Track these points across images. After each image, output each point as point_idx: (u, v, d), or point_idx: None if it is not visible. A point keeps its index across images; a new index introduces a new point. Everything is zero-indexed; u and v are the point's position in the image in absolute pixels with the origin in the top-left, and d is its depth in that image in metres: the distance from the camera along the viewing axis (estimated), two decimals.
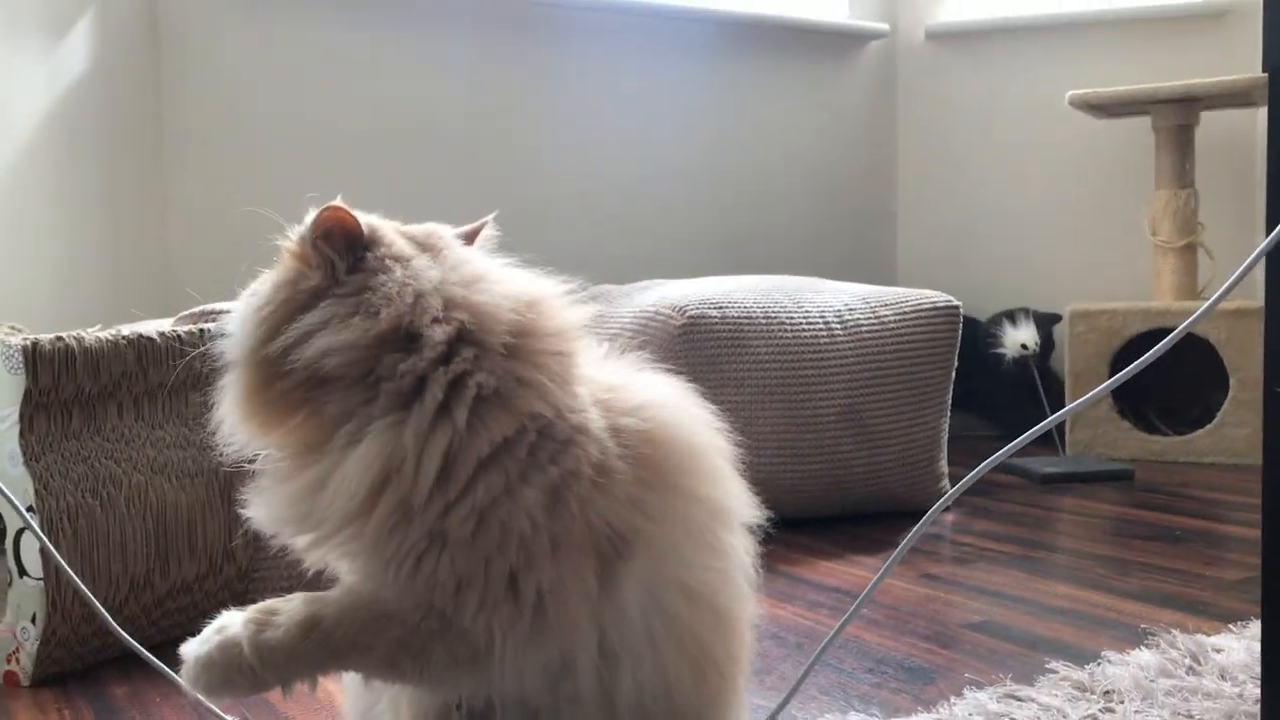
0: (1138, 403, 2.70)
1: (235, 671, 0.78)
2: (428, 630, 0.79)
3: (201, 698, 0.81)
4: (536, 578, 0.79)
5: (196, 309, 1.53)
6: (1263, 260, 0.81)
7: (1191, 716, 1.01)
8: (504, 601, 0.78)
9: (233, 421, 0.86)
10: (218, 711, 0.98)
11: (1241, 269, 0.72)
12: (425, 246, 0.88)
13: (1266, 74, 0.84)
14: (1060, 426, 2.69)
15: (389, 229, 0.89)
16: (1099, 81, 2.79)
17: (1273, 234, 0.73)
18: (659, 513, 0.85)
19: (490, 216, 0.97)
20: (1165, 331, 2.56)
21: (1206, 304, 0.74)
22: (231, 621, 0.80)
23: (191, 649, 0.80)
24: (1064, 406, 2.68)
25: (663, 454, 0.87)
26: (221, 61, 2.40)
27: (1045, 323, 2.76)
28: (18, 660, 1.27)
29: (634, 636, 0.84)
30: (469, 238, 0.95)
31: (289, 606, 0.80)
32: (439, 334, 0.81)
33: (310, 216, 0.85)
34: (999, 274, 3.19)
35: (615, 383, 0.90)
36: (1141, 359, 0.77)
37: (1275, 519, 0.84)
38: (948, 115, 3.31)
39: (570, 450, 0.82)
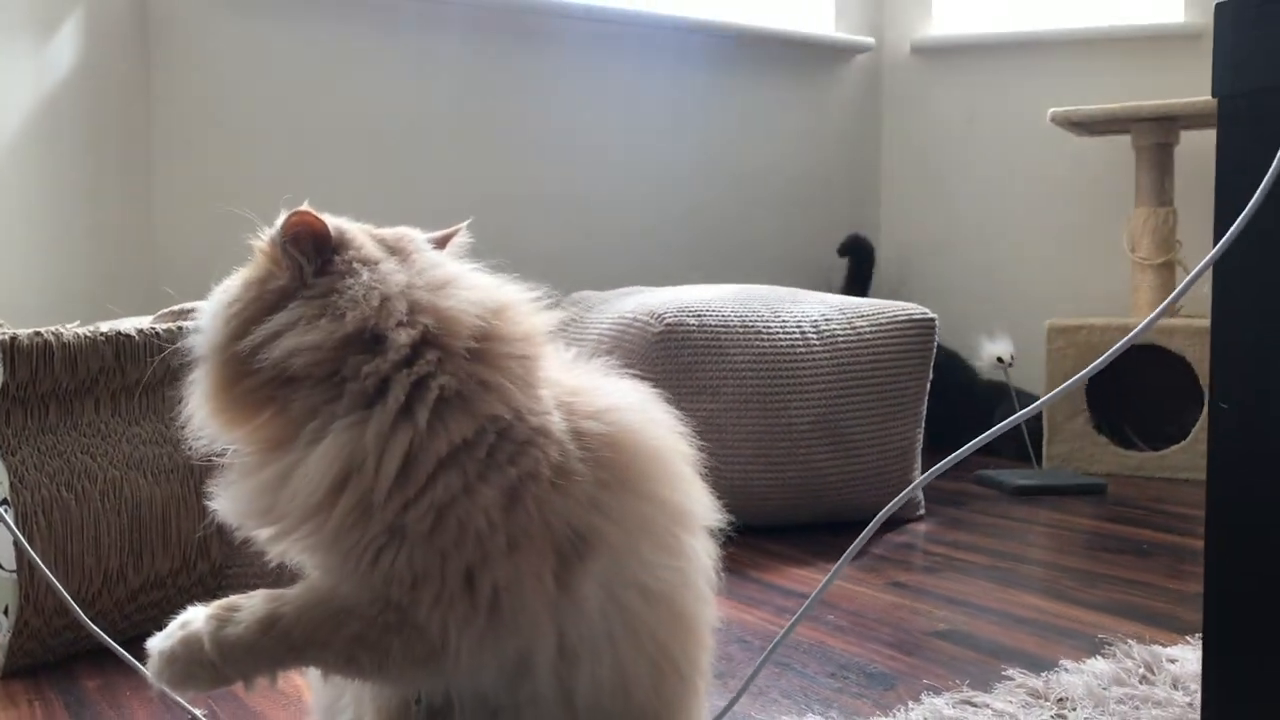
0: (1115, 418, 2.73)
1: (197, 666, 0.80)
2: (385, 625, 0.80)
3: (166, 691, 0.82)
4: (493, 575, 0.80)
5: (175, 307, 1.54)
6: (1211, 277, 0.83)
7: None
8: (460, 598, 0.80)
9: (201, 416, 0.88)
10: (185, 705, 1.00)
11: (1182, 286, 0.74)
12: (394, 250, 0.90)
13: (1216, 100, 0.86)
14: (1037, 440, 2.71)
15: (358, 232, 0.91)
16: (1081, 99, 2.82)
17: (1211, 253, 0.75)
18: (618, 514, 0.87)
19: (464, 224, 0.99)
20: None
21: (1142, 324, 0.76)
22: (194, 617, 0.82)
23: (155, 643, 0.82)
24: (1040, 421, 2.71)
25: (624, 457, 0.88)
26: (209, 60, 2.41)
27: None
28: None
29: (592, 635, 0.86)
30: (441, 243, 0.96)
31: (250, 603, 0.82)
32: (403, 337, 0.83)
33: (280, 219, 0.87)
34: (979, 288, 3.22)
35: (580, 386, 0.92)
36: (1059, 388, 0.79)
37: (1219, 533, 0.87)
38: (931, 129, 3.34)
39: (529, 452, 0.83)
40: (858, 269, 3.09)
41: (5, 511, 1.26)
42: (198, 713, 0.97)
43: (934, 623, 1.47)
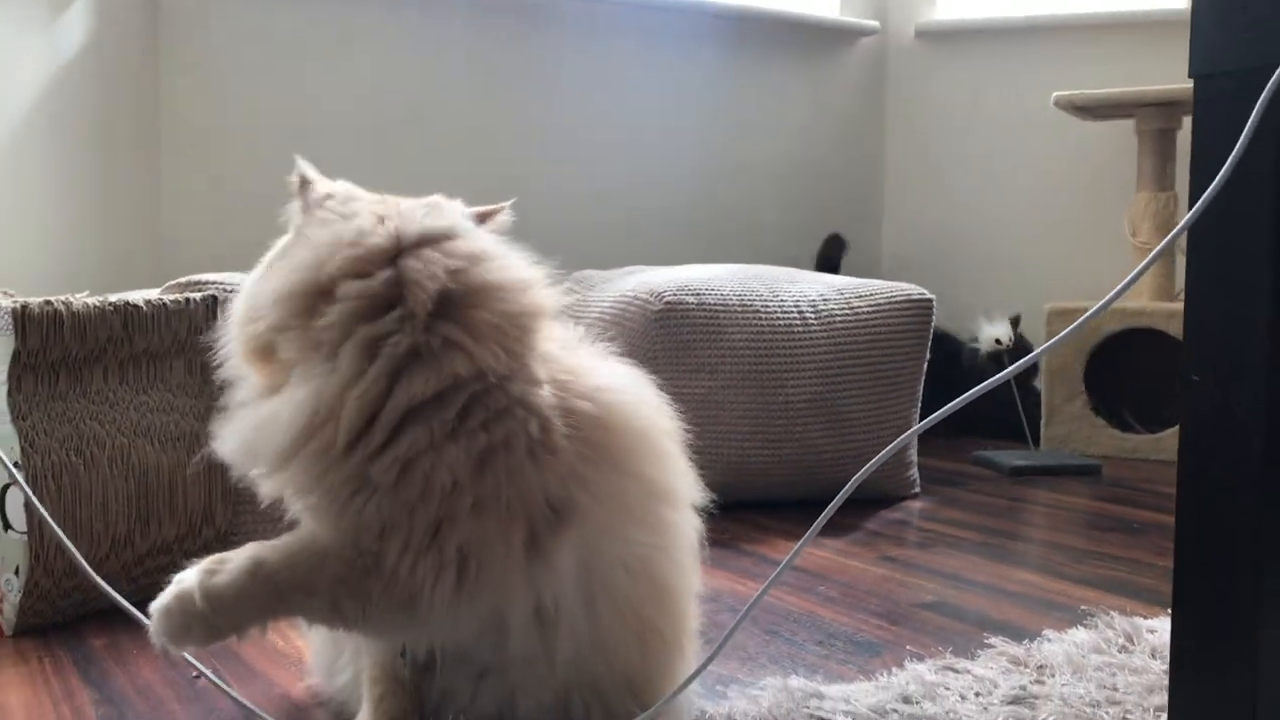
0: (1113, 401, 2.75)
1: (190, 618, 0.83)
2: (363, 568, 0.84)
3: (168, 648, 0.85)
4: (459, 534, 0.84)
5: (183, 279, 1.57)
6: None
7: (1116, 689, 1.06)
8: (428, 550, 0.83)
9: (230, 353, 0.93)
10: (190, 660, 1.03)
11: (1149, 258, 0.77)
12: (387, 215, 0.93)
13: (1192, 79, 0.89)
14: (1035, 423, 2.74)
15: (348, 189, 0.96)
16: (1084, 84, 2.83)
17: (1178, 227, 0.77)
18: (599, 489, 0.90)
19: (507, 204, 1.01)
20: (1140, 331, 2.62)
21: (1107, 297, 0.78)
22: (185, 575, 0.85)
23: (155, 603, 0.85)
24: (1039, 403, 2.74)
25: (610, 436, 0.91)
26: (219, 40, 2.44)
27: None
28: (1, 611, 1.32)
29: (569, 603, 0.89)
30: (481, 219, 0.99)
31: (238, 554, 0.85)
32: (351, 289, 0.87)
33: None
34: (980, 271, 3.24)
35: (577, 366, 0.95)
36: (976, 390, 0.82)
37: (1190, 504, 0.89)
38: (935, 113, 3.35)
39: (504, 421, 0.86)
40: (826, 260, 3.12)
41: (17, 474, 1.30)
42: (202, 669, 1.00)
43: (922, 595, 1.50)
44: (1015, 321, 2.85)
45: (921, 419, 2.45)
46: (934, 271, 3.22)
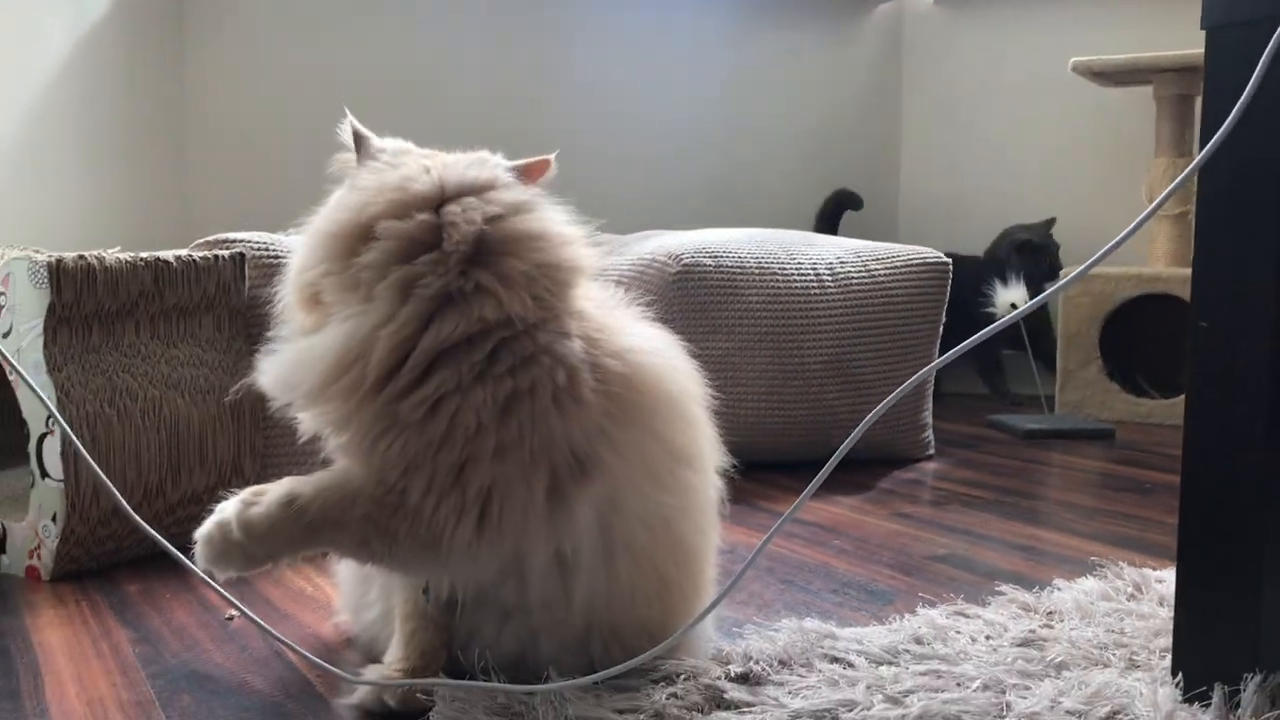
0: (1127, 366, 2.76)
1: (228, 545, 0.88)
2: (390, 507, 0.87)
3: (211, 572, 0.90)
4: (481, 475, 0.87)
5: (211, 237, 1.60)
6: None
7: (1123, 633, 1.09)
8: (451, 490, 0.87)
9: (285, 304, 0.98)
10: (220, 591, 1.06)
11: (1153, 206, 0.79)
12: (432, 164, 0.97)
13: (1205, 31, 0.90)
14: (1050, 387, 2.76)
15: (396, 141, 1.00)
16: (1102, 49, 2.82)
17: (1185, 171, 0.79)
18: (622, 446, 0.93)
19: (552, 155, 1.04)
20: (1156, 297, 2.62)
21: (1096, 256, 0.80)
22: (228, 504, 0.90)
23: (200, 530, 0.90)
24: (1055, 362, 2.75)
25: (637, 396, 0.94)
26: (243, 3, 2.46)
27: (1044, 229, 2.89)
28: (39, 557, 1.36)
29: (589, 555, 0.92)
30: (528, 173, 1.01)
31: (274, 487, 0.89)
32: (389, 229, 0.90)
33: None
34: (999, 233, 3.24)
35: (608, 325, 0.97)
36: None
37: (1196, 452, 0.91)
38: (953, 78, 3.35)
39: (531, 369, 0.89)
40: (831, 217, 3.12)
41: (52, 425, 1.34)
42: (238, 605, 1.04)
43: (935, 548, 1.53)
44: (1050, 223, 2.89)
45: (937, 381, 2.48)
46: (950, 235, 3.23)
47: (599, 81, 2.93)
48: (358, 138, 1.01)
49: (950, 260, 2.21)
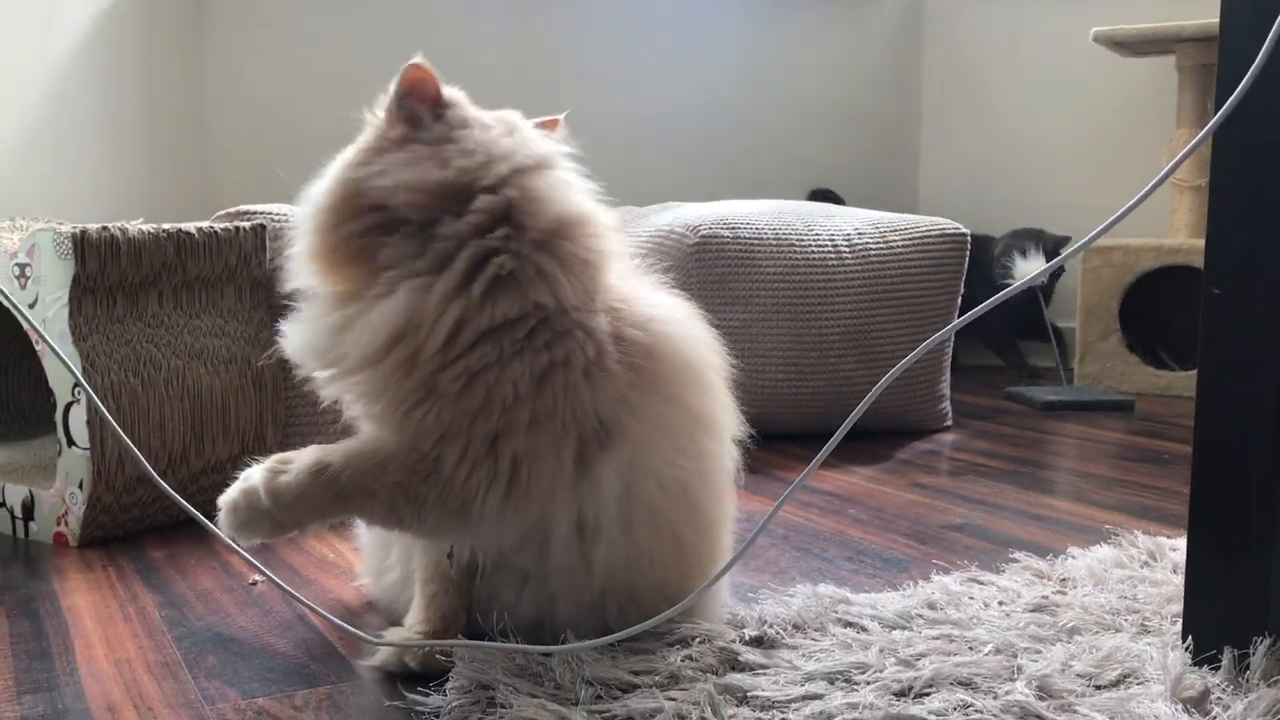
0: (1147, 338, 2.76)
1: (255, 513, 0.89)
2: (422, 474, 0.88)
3: (234, 539, 0.91)
4: (514, 445, 0.88)
5: (232, 209, 1.62)
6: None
7: (1136, 599, 1.10)
8: (484, 459, 0.88)
9: (300, 259, 0.96)
10: (244, 556, 1.08)
11: (1171, 165, 0.79)
12: (504, 123, 0.98)
13: None
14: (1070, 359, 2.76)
15: (464, 97, 0.99)
16: (1124, 19, 2.80)
17: (1201, 133, 0.79)
18: (643, 413, 0.94)
19: (562, 115, 1.04)
20: (1176, 268, 2.61)
21: (1097, 230, 0.80)
22: (251, 473, 0.91)
23: (223, 497, 0.91)
24: (1072, 339, 2.75)
25: (658, 365, 0.95)
26: None
27: (1055, 245, 2.83)
28: (66, 523, 1.38)
29: (609, 518, 0.94)
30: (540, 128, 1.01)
31: (302, 455, 0.90)
32: (483, 203, 0.90)
33: (395, 80, 0.95)
34: (1018, 207, 3.23)
35: (630, 295, 0.99)
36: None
37: (1208, 418, 0.92)
38: (974, 48, 3.33)
39: (565, 342, 0.91)
40: None
41: (78, 394, 1.36)
42: (263, 570, 1.06)
43: (951, 518, 1.54)
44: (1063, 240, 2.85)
45: (955, 353, 2.48)
46: (970, 207, 3.22)
47: (618, 55, 2.93)
48: (438, 92, 0.97)
49: (968, 232, 2.20)
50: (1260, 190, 0.87)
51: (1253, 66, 0.78)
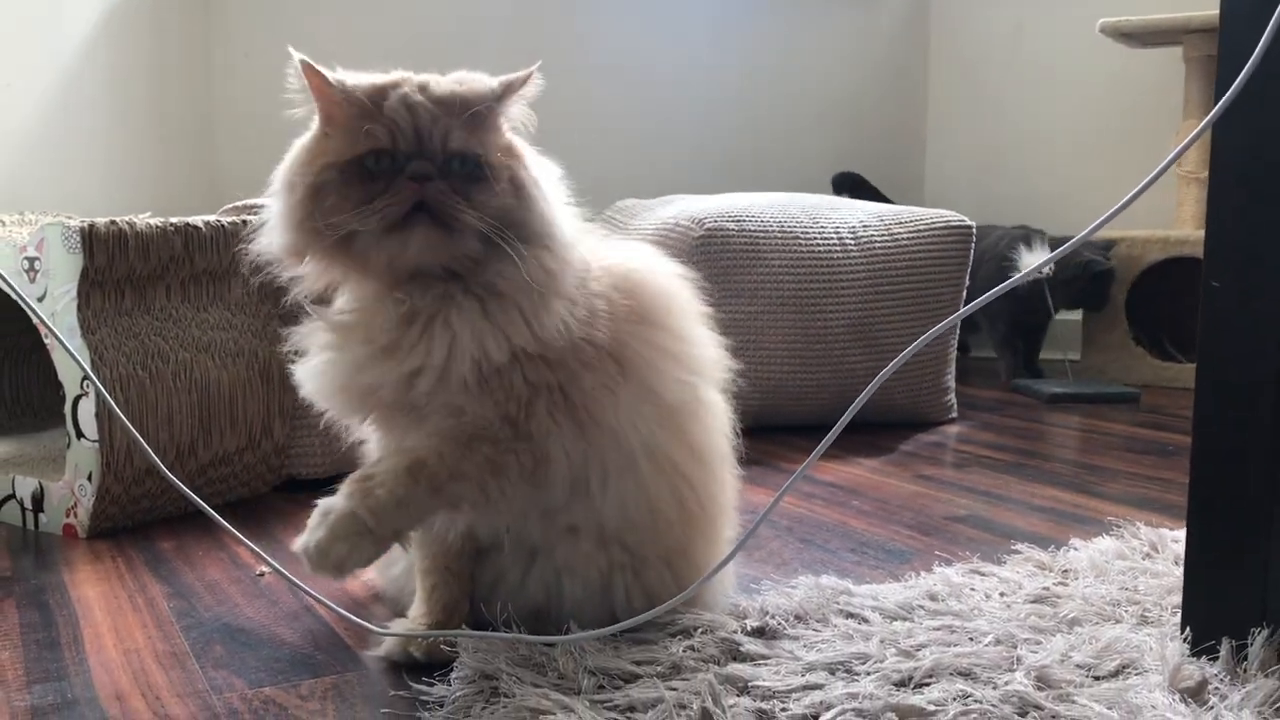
0: (1153, 330, 2.75)
1: (356, 537, 0.88)
2: (507, 440, 0.92)
3: (335, 576, 0.90)
4: (580, 387, 0.94)
5: (239, 203, 1.63)
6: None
7: (1137, 591, 1.10)
8: (562, 408, 0.94)
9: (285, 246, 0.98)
10: (251, 547, 1.10)
11: (1174, 154, 0.79)
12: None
13: None
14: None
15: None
16: (1131, 10, 2.79)
17: (1203, 123, 0.80)
18: (638, 339, 0.99)
19: (534, 67, 1.04)
20: (1183, 260, 2.61)
21: (1097, 223, 0.81)
22: (333, 504, 0.90)
23: (304, 541, 0.89)
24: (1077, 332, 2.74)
25: (644, 294, 1.01)
26: None
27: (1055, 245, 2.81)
28: (76, 515, 1.40)
29: (620, 457, 0.97)
30: (508, 86, 1.00)
31: (379, 469, 0.91)
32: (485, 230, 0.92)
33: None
34: (1025, 199, 3.22)
35: (609, 252, 1.04)
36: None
37: (1207, 410, 0.92)
38: (979, 39, 3.33)
39: (595, 288, 0.97)
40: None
41: (87, 387, 1.37)
42: (270, 561, 1.06)
43: (954, 509, 1.54)
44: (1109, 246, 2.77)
45: (966, 345, 2.48)
46: (976, 199, 3.22)
47: (624, 47, 2.93)
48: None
49: (972, 224, 2.21)
50: (1259, 183, 0.87)
51: (1252, 58, 0.79)
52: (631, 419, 0.97)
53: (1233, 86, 0.80)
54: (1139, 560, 1.21)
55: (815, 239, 2.08)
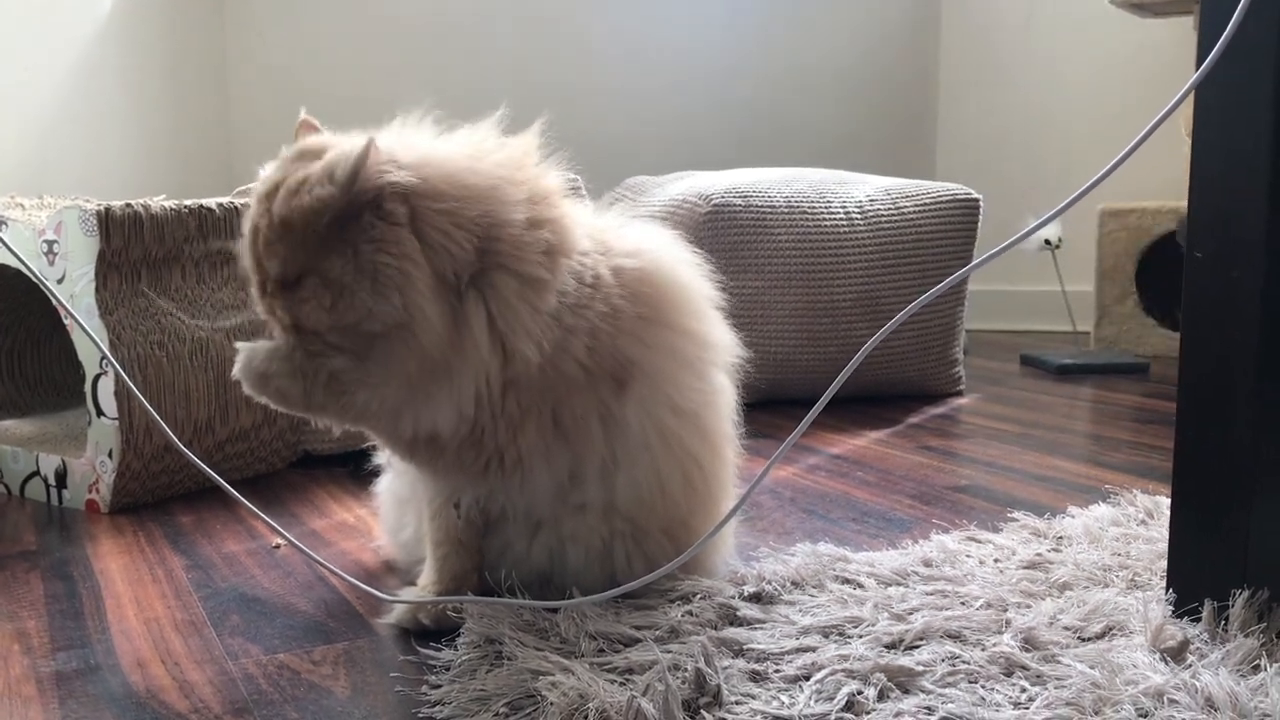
0: (1165, 300, 2.76)
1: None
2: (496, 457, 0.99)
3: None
4: (571, 407, 0.96)
5: (253, 184, 1.66)
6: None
7: (1128, 556, 1.12)
8: (551, 430, 0.97)
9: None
10: (267, 521, 1.13)
11: (1152, 124, 0.81)
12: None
13: None
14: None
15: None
16: None
17: (1179, 94, 0.81)
18: (655, 342, 1.00)
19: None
20: None
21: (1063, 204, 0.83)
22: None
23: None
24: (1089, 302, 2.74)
25: (657, 291, 1.01)
26: None
27: None
28: (98, 491, 1.44)
29: (632, 446, 0.99)
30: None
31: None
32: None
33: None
34: (1034, 171, 3.23)
35: (609, 228, 1.04)
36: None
37: (1191, 379, 0.94)
38: (991, 12, 3.32)
39: (597, 295, 0.97)
40: None
41: (106, 366, 1.41)
42: (285, 535, 1.10)
43: (957, 479, 1.57)
44: None
45: (966, 319, 2.49)
46: (988, 173, 3.22)
47: (633, 23, 2.94)
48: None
49: (979, 196, 2.22)
50: (1238, 153, 0.89)
51: (1229, 25, 0.80)
52: (643, 417, 0.99)
53: (1211, 53, 0.81)
54: (1134, 527, 1.23)
55: (822, 214, 2.10)
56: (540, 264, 0.93)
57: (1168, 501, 1.31)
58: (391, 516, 1.17)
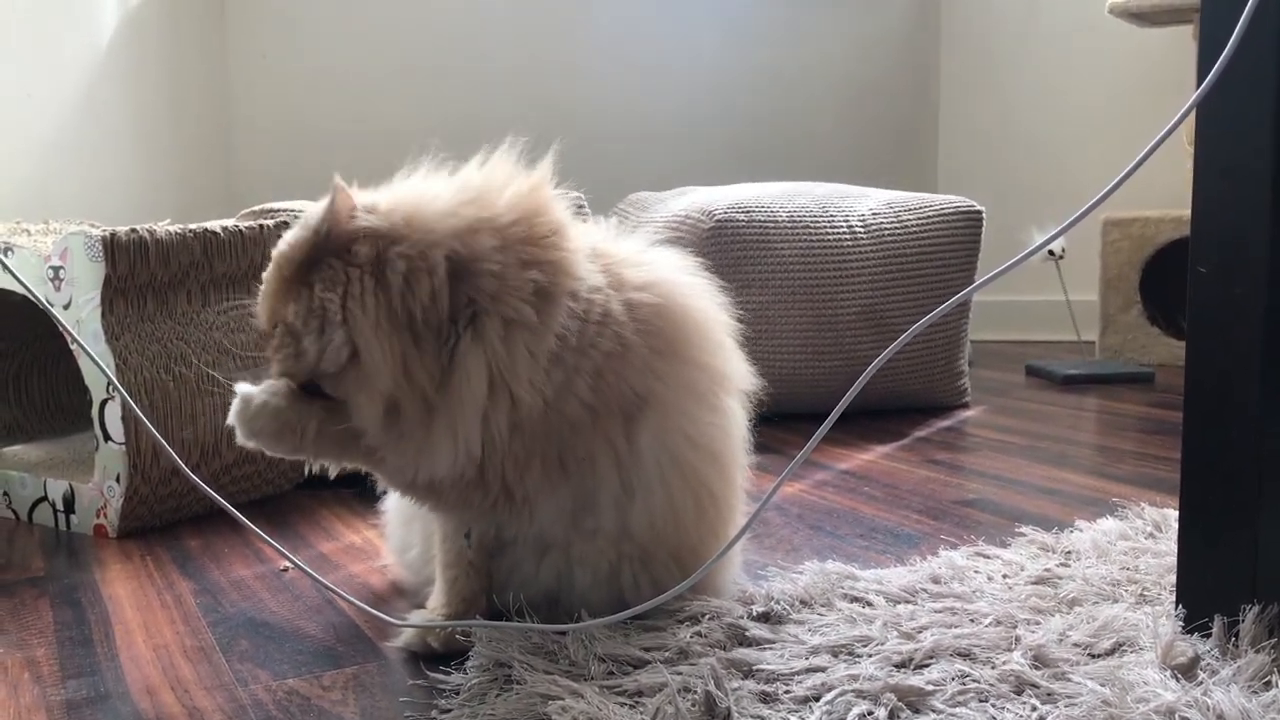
0: (1169, 309, 2.76)
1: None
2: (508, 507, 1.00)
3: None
4: (578, 447, 0.97)
5: (256, 208, 1.66)
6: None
7: (1137, 570, 1.12)
8: (556, 470, 0.97)
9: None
10: (275, 546, 1.13)
11: (1157, 140, 0.81)
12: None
13: None
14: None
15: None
16: None
17: (1182, 110, 0.82)
18: (669, 377, 0.99)
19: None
20: None
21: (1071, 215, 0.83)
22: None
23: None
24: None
25: (672, 326, 1.00)
26: None
27: None
28: (106, 515, 1.44)
29: (647, 476, 0.99)
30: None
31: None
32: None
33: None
34: (1036, 181, 3.23)
35: (625, 256, 1.03)
36: None
37: (1196, 392, 0.94)
38: (991, 22, 3.33)
39: (604, 332, 0.96)
40: None
41: (113, 391, 1.41)
42: (293, 559, 1.10)
43: (964, 493, 1.57)
44: None
45: (971, 330, 2.49)
46: (990, 183, 3.22)
47: (633, 38, 2.95)
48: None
49: (982, 209, 2.22)
50: (1241, 167, 0.89)
51: (1230, 39, 0.80)
52: (658, 449, 0.99)
53: (1213, 70, 0.81)
54: (1142, 540, 1.23)
55: (825, 228, 2.10)
56: (529, 305, 0.92)
57: (1175, 514, 1.32)
58: (398, 536, 1.17)
